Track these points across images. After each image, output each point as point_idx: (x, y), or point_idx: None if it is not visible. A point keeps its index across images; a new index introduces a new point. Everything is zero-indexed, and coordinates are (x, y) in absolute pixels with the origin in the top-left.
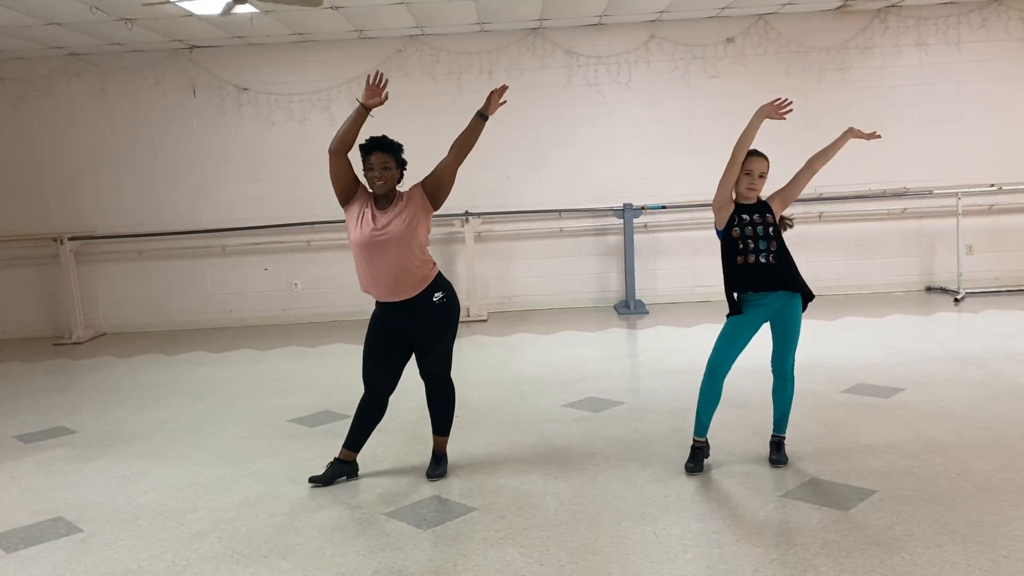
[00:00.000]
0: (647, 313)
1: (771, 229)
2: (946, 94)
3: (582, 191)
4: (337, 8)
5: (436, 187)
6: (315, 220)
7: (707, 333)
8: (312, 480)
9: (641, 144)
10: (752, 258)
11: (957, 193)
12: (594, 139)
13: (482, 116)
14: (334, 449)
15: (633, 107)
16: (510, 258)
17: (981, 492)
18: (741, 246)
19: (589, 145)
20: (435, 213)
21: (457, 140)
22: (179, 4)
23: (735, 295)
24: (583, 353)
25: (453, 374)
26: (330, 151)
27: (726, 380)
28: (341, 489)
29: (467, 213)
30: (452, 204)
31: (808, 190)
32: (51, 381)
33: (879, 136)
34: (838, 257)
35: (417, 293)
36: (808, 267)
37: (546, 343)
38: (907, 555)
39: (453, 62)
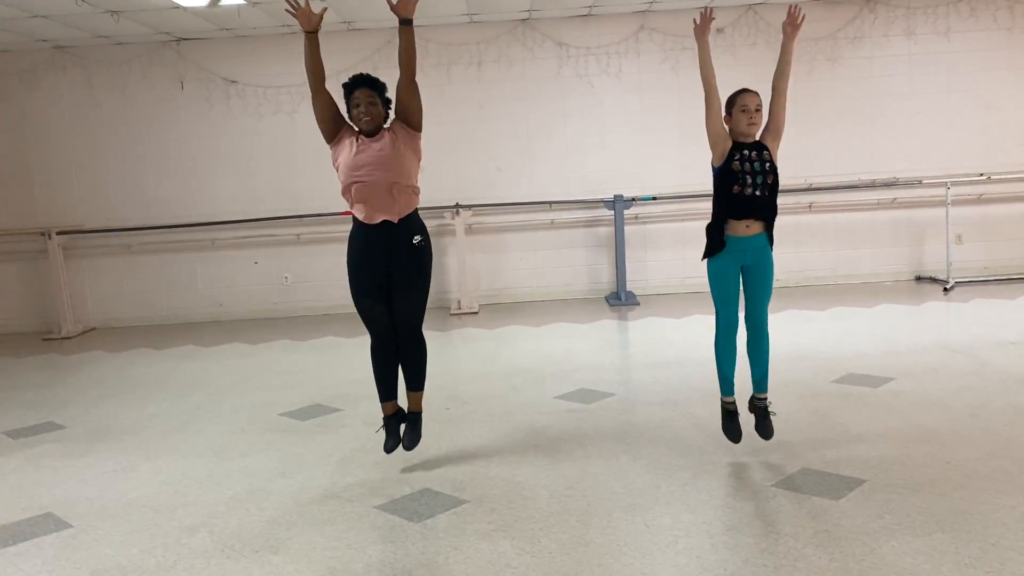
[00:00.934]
0: (638, 304)
1: (767, 165)
2: (935, 84)
3: (573, 183)
4: None
5: (404, 107)
6: (305, 213)
7: (698, 324)
8: (387, 449)
9: (631, 135)
10: (749, 190)
11: (946, 182)
12: (584, 130)
13: (404, 23)
14: (326, 442)
15: (623, 98)
16: (501, 250)
17: (970, 480)
18: (741, 179)
19: (579, 136)
20: (426, 205)
21: (399, 59)
22: None
23: (715, 236)
24: (574, 345)
25: (443, 364)
26: (311, 89)
27: (716, 371)
28: (332, 483)
29: (457, 205)
30: (442, 196)
31: (798, 180)
32: (40, 376)
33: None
34: (828, 247)
35: (402, 217)
36: (798, 257)
37: (537, 335)
38: (896, 544)
39: (442, 53)
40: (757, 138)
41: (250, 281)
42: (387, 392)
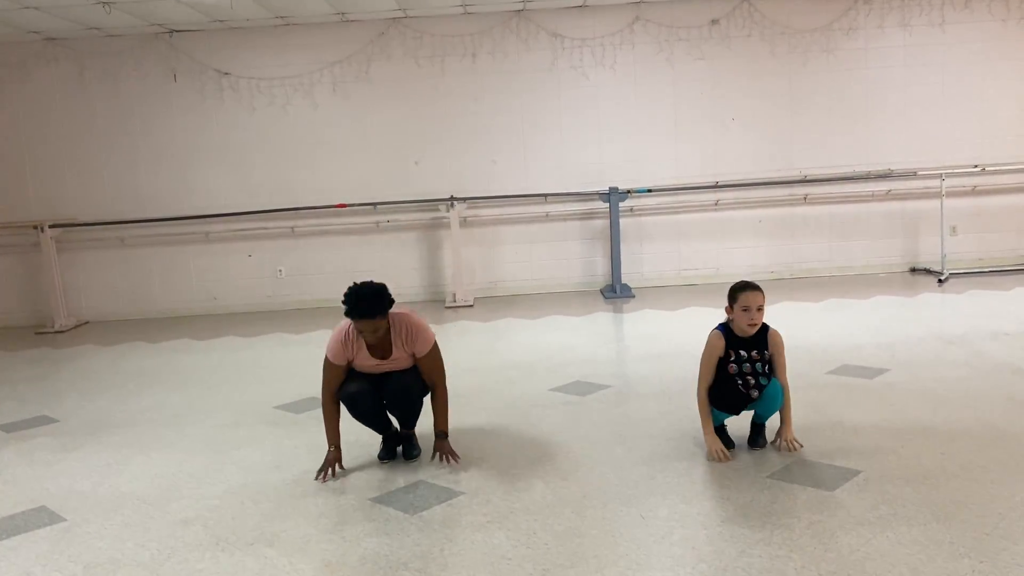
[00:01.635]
0: (633, 297)
1: (767, 367)
2: (930, 75)
3: (567, 175)
4: None
5: (425, 367)
6: (299, 206)
7: (693, 316)
8: (381, 458)
9: (626, 127)
10: (755, 393)
11: (941, 174)
12: (579, 122)
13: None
14: (320, 435)
15: (618, 90)
16: (496, 243)
17: (965, 471)
18: (740, 382)
19: (574, 129)
20: (421, 198)
21: (434, 396)
22: None
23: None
24: (569, 337)
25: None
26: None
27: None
28: None
29: (452, 198)
30: (437, 189)
31: (793, 172)
32: (33, 370)
33: None
34: (822, 239)
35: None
36: (792, 248)
37: (532, 328)
38: (892, 534)
39: (436, 45)
40: (757, 331)
41: (244, 274)
42: (383, 429)
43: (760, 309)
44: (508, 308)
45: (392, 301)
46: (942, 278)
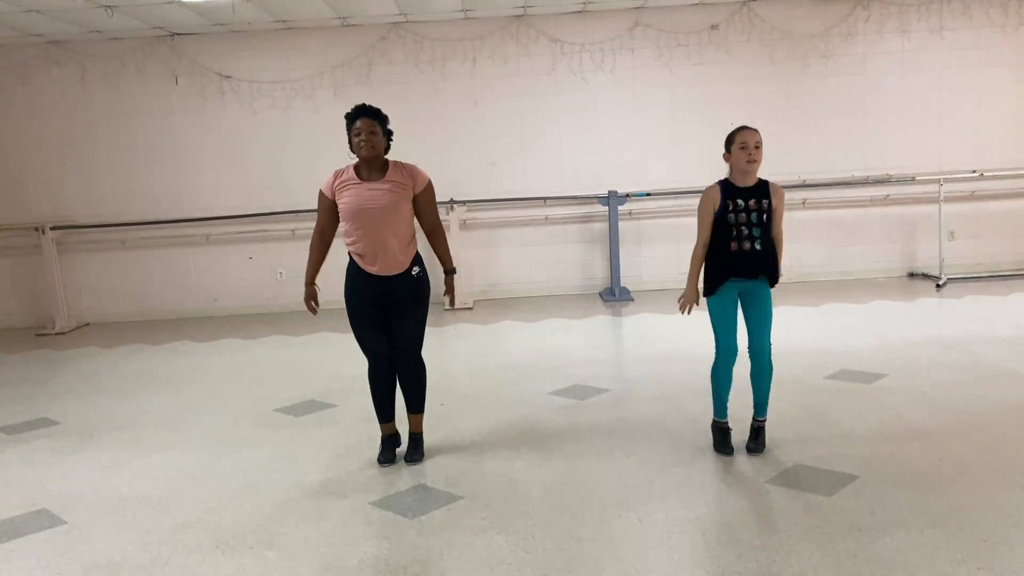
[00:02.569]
0: (632, 300)
1: (764, 216)
2: (928, 81)
3: (567, 178)
4: None
5: (423, 207)
6: (299, 208)
7: (692, 320)
8: (381, 462)
9: (625, 131)
10: (747, 245)
11: (939, 179)
12: (578, 126)
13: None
14: (320, 438)
15: (617, 94)
16: (495, 246)
17: (962, 476)
18: (735, 232)
19: (573, 132)
20: None
21: (434, 240)
22: None
23: (716, 277)
24: (568, 340)
25: (437, 360)
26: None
27: (709, 367)
28: (327, 479)
29: (452, 201)
30: (437, 192)
31: (791, 176)
32: (34, 371)
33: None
34: (821, 243)
35: (400, 270)
36: (791, 253)
37: (531, 330)
38: (889, 540)
39: (437, 49)
40: (759, 179)
41: (244, 276)
42: (386, 414)
43: (758, 147)
44: (507, 311)
45: (391, 132)
46: (940, 283)
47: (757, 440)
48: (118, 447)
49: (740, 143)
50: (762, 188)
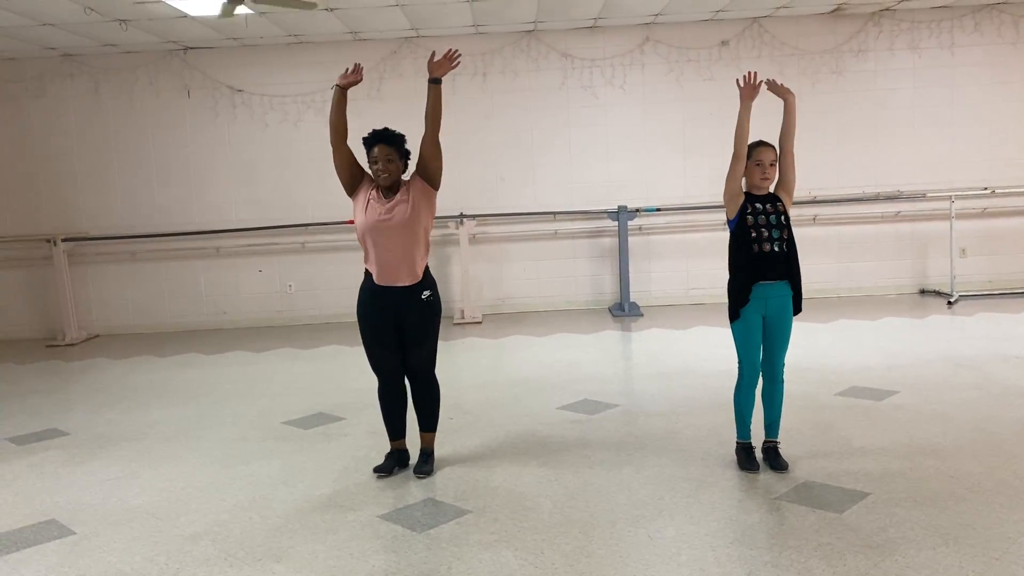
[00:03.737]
0: (641, 315)
1: (783, 218)
2: (939, 97)
3: (576, 193)
4: (332, 10)
5: (425, 164)
6: (309, 222)
7: (702, 336)
8: (376, 470)
9: (635, 146)
10: (768, 247)
11: (951, 196)
12: (588, 141)
13: (434, 81)
14: (328, 451)
15: (627, 109)
16: (504, 260)
17: (974, 494)
18: (755, 234)
19: (583, 147)
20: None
21: (425, 114)
22: (172, 4)
23: (741, 292)
24: (577, 355)
25: (446, 374)
26: (332, 144)
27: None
28: (335, 492)
29: (461, 215)
30: (447, 205)
31: (802, 193)
32: (44, 383)
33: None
34: (832, 260)
35: (415, 282)
36: (802, 269)
37: (540, 345)
38: (900, 557)
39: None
40: (771, 190)
41: (254, 289)
42: (396, 431)
43: (773, 165)
44: (516, 325)
45: (408, 152)
46: (952, 300)
47: (779, 458)
48: (127, 459)
49: (756, 160)
50: (772, 196)
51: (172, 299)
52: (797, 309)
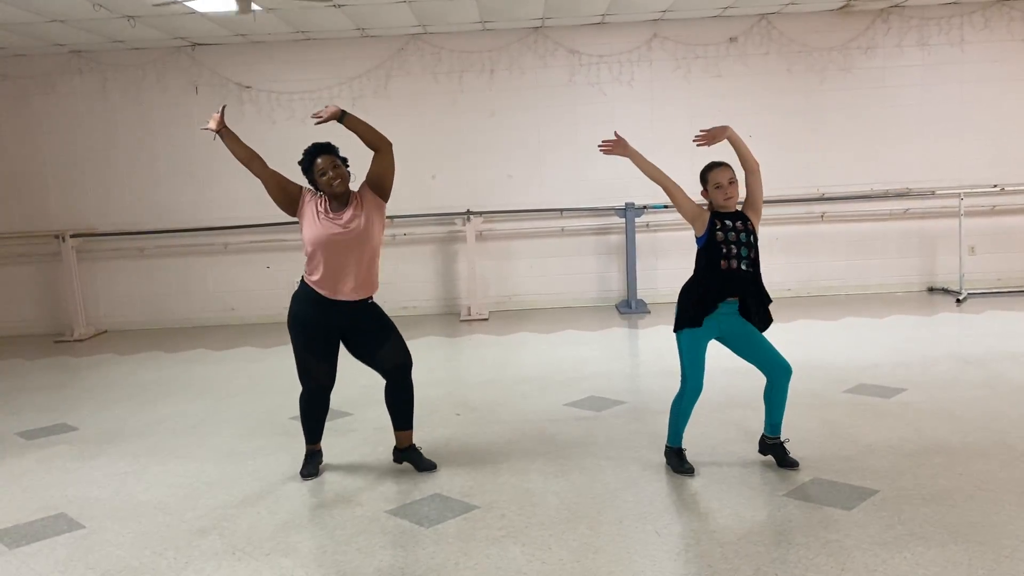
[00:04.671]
0: (648, 312)
1: (751, 237)
2: (948, 94)
3: (583, 190)
4: (340, 6)
5: (381, 179)
6: None
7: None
8: (304, 476)
9: (643, 143)
10: (735, 264)
11: (959, 194)
12: (595, 138)
13: (340, 119)
14: (335, 445)
15: (635, 106)
16: (511, 257)
17: (982, 492)
18: (724, 250)
19: (590, 144)
20: (437, 211)
21: (368, 142)
22: (187, 3)
23: (701, 305)
24: (584, 352)
25: (453, 371)
26: (255, 174)
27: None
28: (343, 487)
29: (468, 212)
30: (453, 203)
31: (810, 190)
32: (52, 378)
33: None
34: (840, 257)
35: (369, 295)
36: (809, 266)
37: (547, 342)
38: (909, 555)
39: (455, 61)
40: (739, 207)
41: (261, 285)
42: (315, 436)
43: (732, 183)
44: (523, 322)
45: (346, 159)
46: (960, 298)
47: (788, 457)
48: (136, 453)
49: (715, 183)
50: (742, 214)
51: (180, 295)
52: (767, 324)
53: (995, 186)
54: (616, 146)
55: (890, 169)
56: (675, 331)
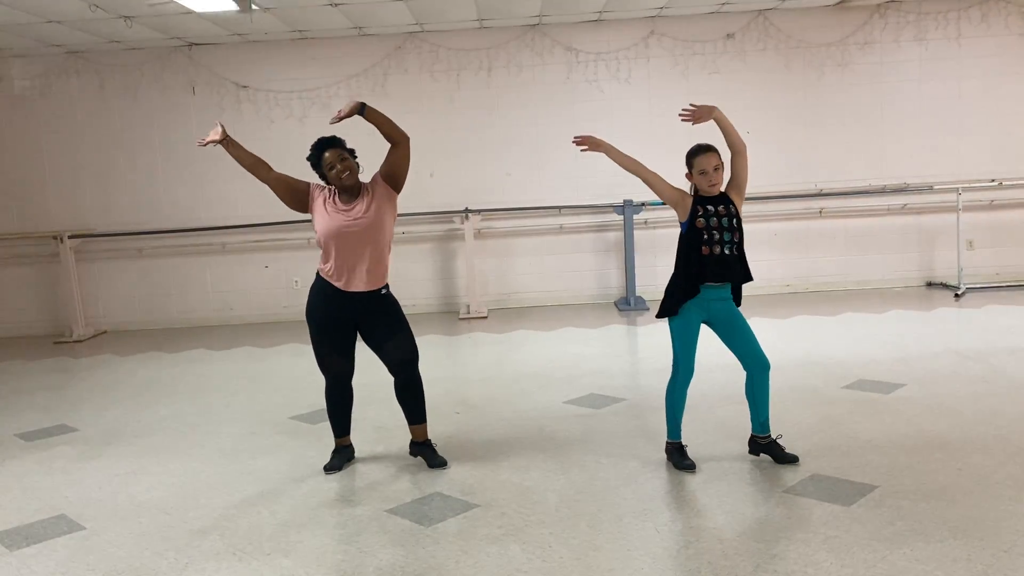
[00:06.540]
0: (647, 309)
1: (734, 220)
2: (946, 89)
3: (582, 188)
4: (337, 5)
5: (396, 171)
6: None
7: (707, 330)
8: (327, 470)
9: (641, 140)
10: (717, 249)
11: (957, 188)
12: (594, 135)
13: (360, 111)
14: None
15: (633, 103)
16: (510, 255)
17: (982, 487)
18: (707, 236)
19: None
20: (435, 210)
21: (386, 135)
22: (184, 3)
23: (683, 291)
24: (583, 350)
25: (452, 368)
26: (262, 180)
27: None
28: (343, 486)
29: (467, 210)
30: (452, 200)
31: (808, 185)
32: (52, 379)
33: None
34: (838, 253)
35: (380, 286)
36: (808, 262)
37: (546, 340)
38: (908, 550)
39: (452, 59)
40: (723, 189)
41: (260, 285)
42: (342, 429)
43: (717, 169)
44: (522, 320)
45: (353, 151)
46: (959, 293)
47: (785, 454)
48: (135, 454)
49: (700, 170)
50: (724, 196)
51: (179, 295)
52: (737, 303)
53: (993, 180)
54: (590, 144)
55: (888, 164)
56: (657, 317)
